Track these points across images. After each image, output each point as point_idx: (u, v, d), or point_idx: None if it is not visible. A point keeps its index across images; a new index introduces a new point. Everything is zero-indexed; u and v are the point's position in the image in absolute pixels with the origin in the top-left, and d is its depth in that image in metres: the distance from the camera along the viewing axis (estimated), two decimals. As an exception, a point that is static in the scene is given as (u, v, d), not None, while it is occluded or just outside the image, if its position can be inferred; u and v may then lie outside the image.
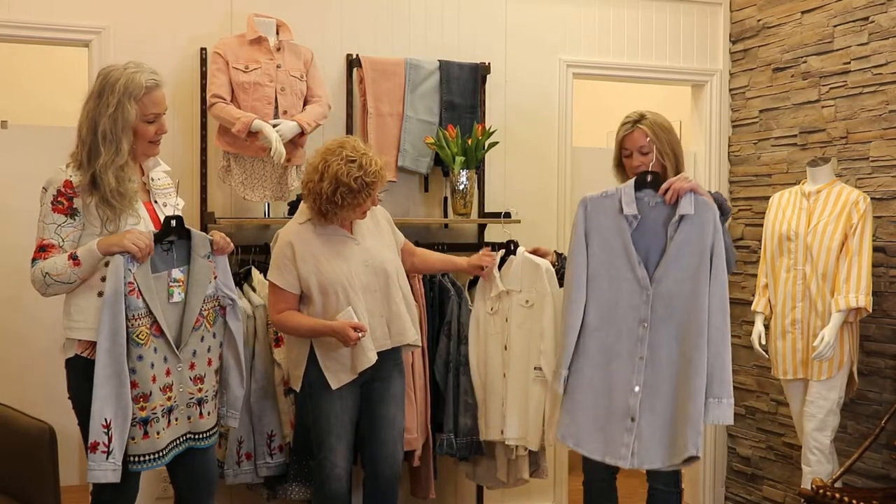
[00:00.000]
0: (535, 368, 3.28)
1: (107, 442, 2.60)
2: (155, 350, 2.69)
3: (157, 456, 2.70)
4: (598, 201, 2.90)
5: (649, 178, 2.88)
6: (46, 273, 2.62)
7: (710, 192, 2.99)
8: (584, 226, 2.90)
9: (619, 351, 2.85)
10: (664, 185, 2.85)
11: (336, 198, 3.00)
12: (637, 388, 2.82)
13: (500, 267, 3.42)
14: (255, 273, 3.69)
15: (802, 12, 4.30)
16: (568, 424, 2.90)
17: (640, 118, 3.13)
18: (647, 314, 2.83)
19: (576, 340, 2.89)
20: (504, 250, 3.44)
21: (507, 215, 3.96)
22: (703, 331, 2.76)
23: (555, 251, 3.44)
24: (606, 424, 2.85)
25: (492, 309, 3.39)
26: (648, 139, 3.08)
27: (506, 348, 3.30)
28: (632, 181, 2.89)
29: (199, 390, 2.83)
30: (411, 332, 3.22)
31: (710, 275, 2.79)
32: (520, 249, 3.36)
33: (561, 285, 3.29)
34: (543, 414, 3.35)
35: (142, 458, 2.68)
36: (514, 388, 3.32)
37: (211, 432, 2.88)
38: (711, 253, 2.79)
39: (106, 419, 2.60)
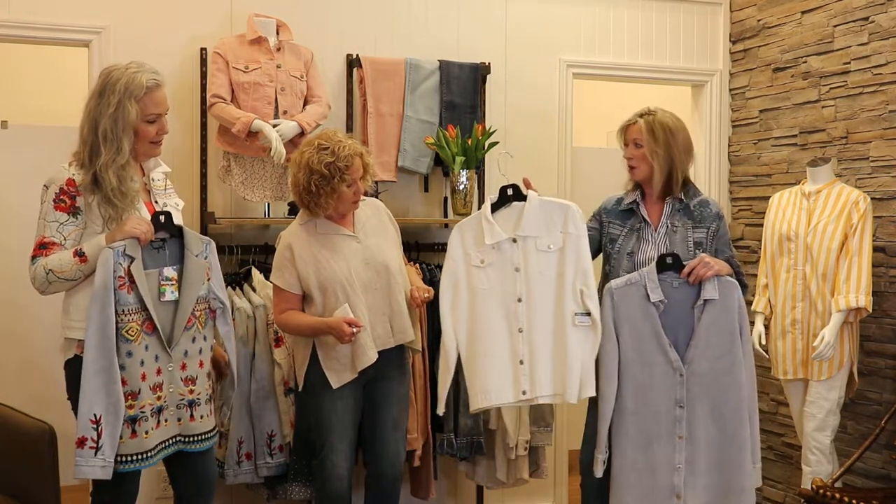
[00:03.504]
0: (577, 314, 2.97)
1: (95, 437, 2.56)
2: (146, 347, 2.66)
3: (144, 456, 2.66)
4: (624, 290, 2.96)
5: (669, 259, 2.95)
6: (50, 270, 2.61)
7: (726, 258, 3.04)
8: (613, 315, 2.96)
9: (658, 432, 2.95)
10: (685, 270, 2.93)
11: (311, 187, 3.00)
12: (680, 466, 2.93)
13: (493, 211, 3.05)
14: (255, 273, 3.69)
15: (802, 12, 4.30)
16: None
17: (647, 113, 3.14)
18: (682, 395, 2.93)
19: (608, 426, 2.97)
20: (499, 195, 3.07)
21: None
22: (744, 405, 2.92)
23: None
24: (654, 502, 2.96)
25: (482, 261, 3.02)
26: (642, 133, 3.09)
27: (520, 300, 2.99)
28: (653, 265, 2.95)
29: (191, 392, 2.78)
30: (412, 331, 3.22)
31: (742, 350, 2.93)
32: (533, 193, 3.06)
33: None
34: (585, 361, 3.00)
35: (128, 458, 2.63)
36: (544, 342, 2.97)
37: (204, 436, 2.82)
38: (740, 329, 2.93)
39: (95, 414, 2.56)
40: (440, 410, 3.09)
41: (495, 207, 3.05)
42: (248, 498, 3.84)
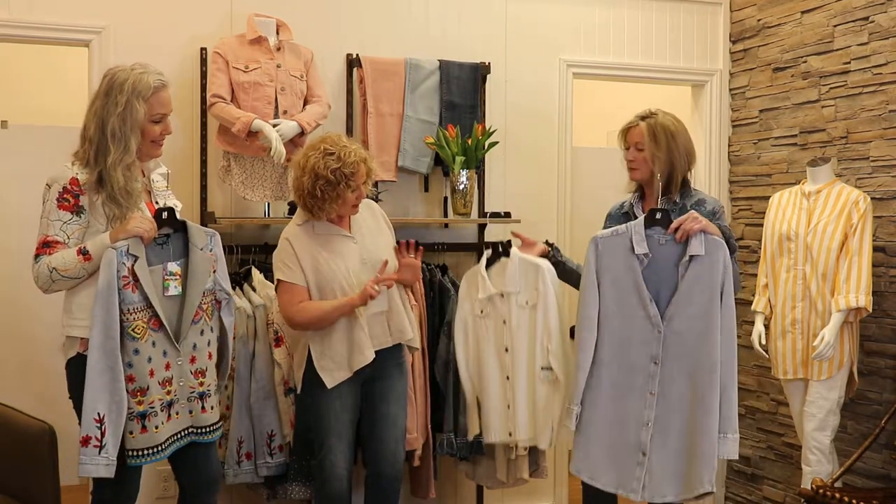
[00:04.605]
0: (542, 368, 3.24)
1: (99, 436, 2.60)
2: (153, 344, 2.69)
3: (156, 450, 2.70)
4: (609, 240, 2.93)
5: (658, 215, 2.91)
6: (53, 268, 2.63)
7: (719, 224, 3.01)
8: (596, 265, 2.93)
9: (630, 386, 2.90)
10: (673, 225, 2.88)
11: (316, 191, 3.02)
12: (649, 423, 2.88)
13: (487, 267, 3.33)
14: (255, 273, 3.69)
15: (802, 12, 4.30)
16: (582, 458, 2.97)
17: (648, 115, 3.14)
18: (658, 351, 2.88)
19: (587, 377, 2.94)
20: (492, 251, 3.36)
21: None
22: (716, 368, 2.84)
23: (546, 241, 3.38)
24: (619, 458, 2.91)
25: (482, 312, 3.33)
26: (643, 136, 3.10)
27: (507, 350, 3.27)
28: (641, 219, 2.92)
29: (201, 384, 2.82)
30: (410, 329, 3.23)
31: (721, 313, 2.85)
32: (513, 251, 3.29)
33: (560, 277, 3.32)
34: (552, 412, 3.29)
35: (140, 453, 2.68)
36: (522, 390, 3.28)
37: (214, 427, 2.88)
38: (722, 291, 2.85)
39: (99, 413, 2.59)
40: (470, 437, 3.54)
41: (490, 262, 3.34)
42: (248, 498, 3.84)
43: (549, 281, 3.23)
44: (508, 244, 3.35)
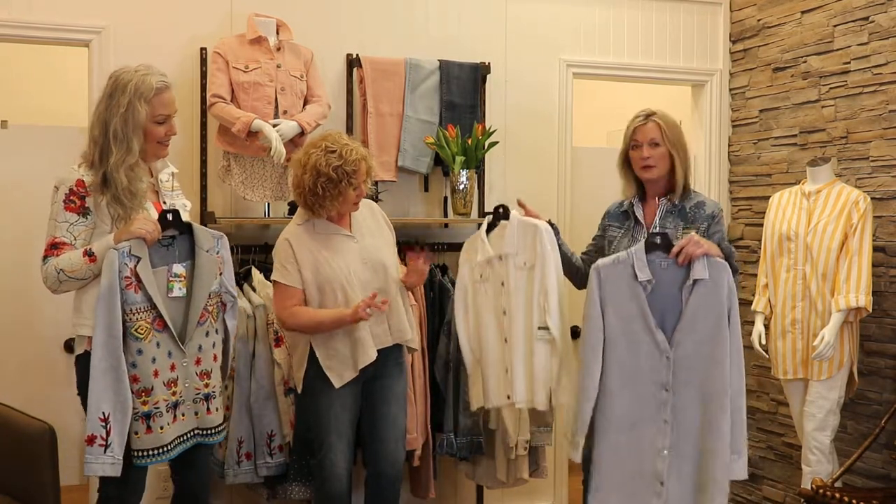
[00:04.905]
0: (539, 328, 3.16)
1: (104, 435, 2.62)
2: (157, 345, 2.71)
3: (162, 450, 2.72)
4: (611, 268, 2.89)
5: (658, 240, 2.88)
6: (61, 270, 2.65)
7: (719, 243, 2.99)
8: (599, 294, 2.89)
9: (642, 415, 2.86)
10: (675, 249, 2.85)
11: (318, 189, 3.03)
12: (665, 452, 2.84)
13: (488, 232, 3.27)
14: (255, 273, 3.70)
15: (802, 12, 4.31)
16: (597, 489, 2.92)
17: (653, 113, 3.14)
18: (668, 378, 2.84)
19: (592, 409, 2.89)
20: (492, 215, 3.29)
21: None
22: (726, 391, 2.81)
23: (549, 220, 3.34)
24: (635, 489, 2.87)
25: (481, 276, 3.26)
26: (661, 132, 3.08)
27: (505, 313, 3.20)
28: (641, 244, 2.89)
29: (206, 385, 2.84)
30: (409, 330, 3.24)
31: (729, 335, 2.82)
32: (513, 213, 3.23)
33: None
34: (549, 373, 3.20)
35: (146, 453, 2.70)
36: (520, 351, 3.20)
37: (219, 429, 2.90)
38: (728, 313, 2.83)
39: (104, 413, 2.61)
40: (474, 408, 3.37)
41: (491, 226, 3.26)
42: (248, 498, 3.84)
43: (548, 242, 3.16)
44: (506, 208, 3.28)
